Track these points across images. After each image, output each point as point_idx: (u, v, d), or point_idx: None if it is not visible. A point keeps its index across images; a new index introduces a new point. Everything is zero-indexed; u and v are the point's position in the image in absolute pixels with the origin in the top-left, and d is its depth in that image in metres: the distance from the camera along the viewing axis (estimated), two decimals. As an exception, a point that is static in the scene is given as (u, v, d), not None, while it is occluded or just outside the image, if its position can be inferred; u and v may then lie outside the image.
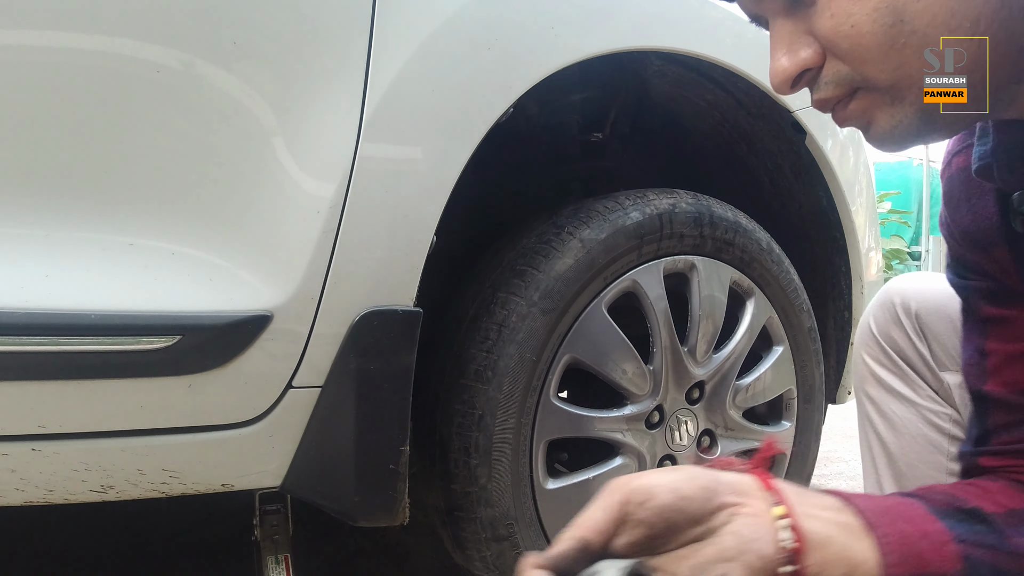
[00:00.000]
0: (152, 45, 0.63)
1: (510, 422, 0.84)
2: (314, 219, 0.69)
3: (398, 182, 0.73)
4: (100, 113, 0.63)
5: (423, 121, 0.74)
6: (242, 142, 0.67)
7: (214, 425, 0.68)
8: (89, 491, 0.65)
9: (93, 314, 0.61)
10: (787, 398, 1.11)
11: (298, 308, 0.69)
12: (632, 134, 1.18)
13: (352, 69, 0.70)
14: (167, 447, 0.67)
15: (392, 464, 0.75)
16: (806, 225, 1.22)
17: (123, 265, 0.63)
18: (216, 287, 0.66)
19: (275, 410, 0.70)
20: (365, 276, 0.72)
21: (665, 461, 0.98)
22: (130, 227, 0.64)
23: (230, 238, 0.67)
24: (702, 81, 1.08)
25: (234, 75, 0.66)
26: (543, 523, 0.88)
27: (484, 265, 0.93)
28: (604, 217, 0.90)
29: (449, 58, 0.75)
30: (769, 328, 1.07)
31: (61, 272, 0.61)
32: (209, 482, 0.70)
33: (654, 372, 0.93)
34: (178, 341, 0.63)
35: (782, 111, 1.06)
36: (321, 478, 0.74)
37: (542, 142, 1.12)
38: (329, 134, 0.69)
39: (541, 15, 0.81)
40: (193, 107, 0.65)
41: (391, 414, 0.74)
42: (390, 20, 0.71)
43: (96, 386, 0.63)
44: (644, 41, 0.90)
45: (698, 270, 0.97)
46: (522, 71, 0.79)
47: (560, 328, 0.86)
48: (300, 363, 0.70)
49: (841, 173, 1.12)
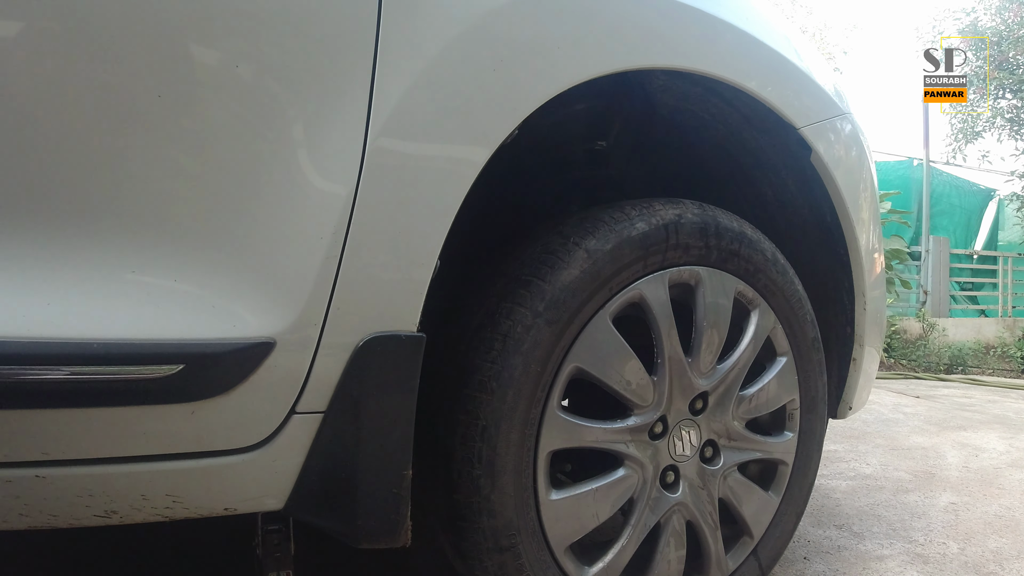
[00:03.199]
0: (153, 72, 0.63)
1: (514, 433, 0.83)
2: (317, 245, 0.68)
3: (401, 208, 0.72)
4: (101, 141, 0.62)
5: (426, 147, 0.73)
6: (244, 169, 0.66)
7: (217, 451, 0.68)
8: (93, 516, 0.65)
9: (96, 343, 0.60)
10: (790, 408, 1.11)
11: (301, 335, 0.69)
12: (636, 146, 1.18)
13: (355, 95, 0.69)
14: (170, 473, 0.66)
15: (395, 488, 0.75)
16: (809, 240, 1.21)
17: (125, 292, 0.63)
18: (219, 314, 0.65)
19: (278, 435, 0.70)
20: (368, 302, 0.72)
21: (668, 472, 0.98)
22: (132, 254, 0.63)
23: (232, 265, 0.66)
24: (707, 96, 1.07)
25: (236, 102, 0.66)
26: (546, 534, 0.88)
27: (488, 275, 0.93)
28: (610, 227, 0.90)
29: (453, 81, 0.74)
30: (773, 339, 1.07)
31: (63, 300, 0.61)
32: (212, 506, 0.70)
33: (658, 383, 0.93)
34: (181, 369, 0.63)
35: (788, 127, 1.05)
36: (324, 501, 0.74)
37: (545, 149, 1.11)
38: (331, 160, 0.69)
39: (546, 36, 0.80)
40: (194, 134, 0.65)
41: (394, 438, 0.74)
42: (394, 46, 0.70)
43: (99, 414, 0.62)
44: (651, 60, 0.89)
45: (703, 281, 0.97)
46: (527, 92, 0.78)
47: (565, 339, 0.86)
48: (303, 389, 0.70)
49: (846, 190, 1.12)
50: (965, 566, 1.37)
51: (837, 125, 1.12)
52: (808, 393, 1.13)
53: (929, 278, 8.45)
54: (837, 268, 1.20)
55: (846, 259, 1.17)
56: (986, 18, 9.27)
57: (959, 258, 9.32)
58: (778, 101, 1.01)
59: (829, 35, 14.66)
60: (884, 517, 1.66)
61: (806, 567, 1.34)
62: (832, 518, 1.65)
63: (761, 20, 1.04)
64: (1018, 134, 9.40)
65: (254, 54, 0.66)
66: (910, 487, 1.95)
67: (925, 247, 8.57)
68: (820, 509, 1.72)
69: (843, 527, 1.58)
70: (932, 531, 1.57)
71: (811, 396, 1.13)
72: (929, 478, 2.06)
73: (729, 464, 1.04)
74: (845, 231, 1.14)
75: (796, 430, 1.12)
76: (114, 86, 0.62)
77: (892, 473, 2.11)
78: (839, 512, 1.70)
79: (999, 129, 9.53)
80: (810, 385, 1.13)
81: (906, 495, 1.86)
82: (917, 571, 1.33)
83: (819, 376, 1.14)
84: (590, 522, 0.90)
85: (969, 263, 9.65)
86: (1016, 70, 9.00)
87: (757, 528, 1.09)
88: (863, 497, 1.84)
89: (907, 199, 9.00)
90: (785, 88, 1.04)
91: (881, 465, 2.21)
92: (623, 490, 0.92)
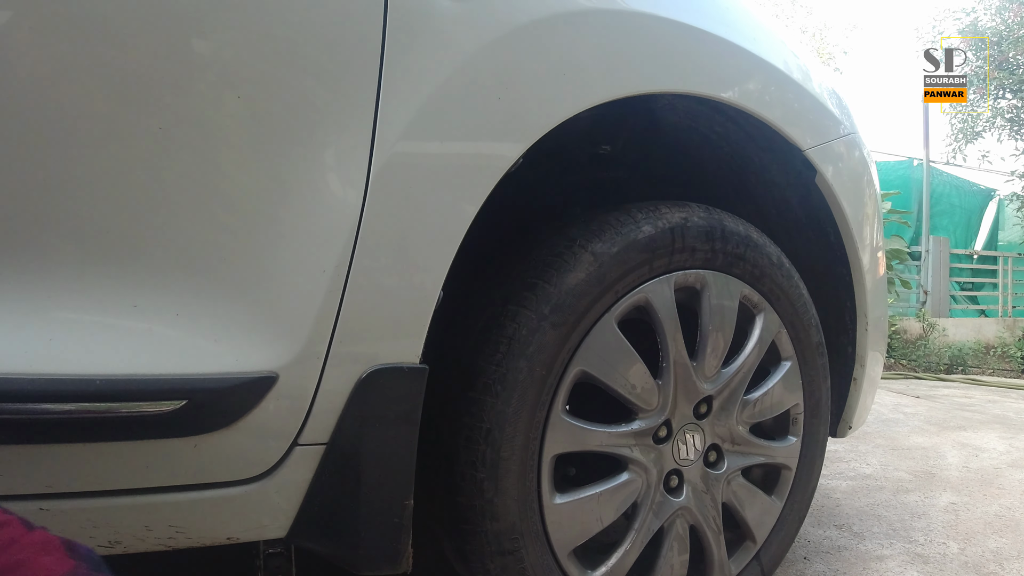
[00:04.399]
0: (155, 105, 0.62)
1: (518, 436, 0.83)
2: (320, 278, 0.68)
3: (405, 240, 0.72)
4: (103, 175, 0.62)
5: (430, 178, 0.73)
6: (246, 202, 0.66)
7: (220, 482, 0.68)
8: (97, 546, 0.65)
9: (99, 379, 0.60)
10: (794, 413, 1.11)
11: (303, 368, 0.68)
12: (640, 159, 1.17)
13: (358, 127, 0.69)
14: (173, 504, 0.67)
15: (396, 518, 0.75)
16: (813, 260, 1.21)
17: (128, 327, 0.63)
18: (221, 348, 0.65)
19: (281, 467, 0.70)
20: (371, 334, 0.71)
21: (672, 476, 0.97)
22: (134, 288, 0.63)
23: (235, 298, 0.66)
24: (712, 114, 1.07)
25: (238, 134, 0.65)
26: (549, 538, 0.87)
27: (492, 276, 0.92)
28: (616, 230, 0.89)
29: (457, 111, 0.73)
30: (778, 343, 1.06)
31: (65, 336, 0.60)
32: (215, 536, 0.70)
33: (663, 387, 0.93)
34: (184, 405, 0.63)
35: (793, 148, 1.05)
36: (326, 529, 0.74)
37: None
38: (334, 192, 0.68)
39: (551, 63, 0.79)
40: (197, 167, 0.64)
41: (396, 469, 0.75)
42: (398, 77, 0.70)
43: (102, 448, 0.62)
44: (658, 85, 0.88)
45: (709, 284, 0.97)
46: (532, 120, 0.78)
47: (570, 342, 0.86)
48: (306, 421, 0.70)
49: (850, 211, 1.11)
50: (965, 566, 1.37)
51: (842, 146, 1.12)
52: (812, 398, 1.13)
53: (929, 278, 8.46)
54: (840, 288, 1.20)
55: (849, 279, 1.17)
56: (986, 18, 9.26)
57: (959, 258, 9.33)
58: (784, 123, 1.01)
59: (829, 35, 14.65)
60: (884, 517, 1.66)
61: (806, 567, 1.34)
62: (832, 518, 1.65)
63: (767, 38, 1.04)
64: (1018, 134, 9.40)
65: (257, 87, 0.65)
66: (910, 487, 1.95)
67: (925, 247, 8.57)
68: (820, 509, 1.72)
69: (843, 527, 1.58)
70: (932, 531, 1.57)
71: (815, 401, 1.13)
72: (929, 478, 2.06)
73: (733, 468, 1.04)
74: (848, 252, 1.14)
75: (800, 435, 1.12)
76: (116, 118, 0.62)
77: (892, 473, 2.11)
78: (839, 512, 1.70)
79: (999, 129, 9.53)
80: (814, 389, 1.13)
81: (906, 495, 1.87)
82: (917, 571, 1.34)
83: (823, 381, 1.13)
84: (594, 526, 0.90)
85: (969, 263, 9.66)
86: (1016, 70, 9.00)
87: (760, 532, 1.09)
88: (863, 497, 1.84)
89: (907, 199, 9.00)
90: (791, 110, 1.03)
91: (881, 465, 2.21)
92: (627, 494, 0.92)
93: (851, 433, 1.31)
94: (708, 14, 0.95)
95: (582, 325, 0.86)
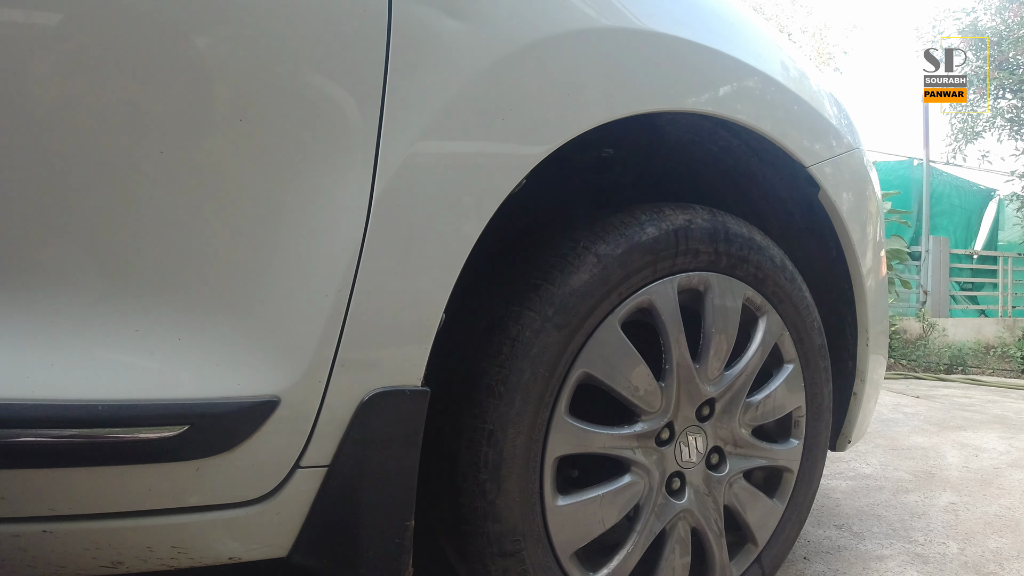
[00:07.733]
0: (156, 127, 0.62)
1: (521, 438, 0.83)
2: (322, 303, 0.68)
3: (407, 263, 0.71)
4: (103, 196, 0.62)
5: (434, 200, 0.72)
6: (249, 229, 0.66)
7: (222, 504, 0.68)
8: (99, 567, 0.65)
9: (101, 405, 0.60)
10: (796, 416, 1.10)
11: (305, 391, 0.68)
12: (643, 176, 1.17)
13: (361, 149, 0.68)
14: (175, 526, 0.67)
15: (397, 538, 0.75)
16: (814, 273, 1.21)
17: (129, 351, 0.62)
18: (223, 372, 0.65)
19: (282, 488, 0.70)
20: (373, 358, 0.71)
21: (674, 478, 0.97)
22: (136, 312, 0.63)
23: (236, 322, 0.66)
24: (716, 129, 1.06)
25: (239, 157, 0.65)
26: (551, 539, 0.87)
27: (495, 277, 0.92)
28: (620, 232, 0.89)
29: (461, 134, 0.73)
30: (781, 345, 1.06)
31: (66, 361, 0.60)
32: (217, 556, 0.70)
33: (666, 389, 0.93)
34: (186, 430, 0.63)
35: (796, 164, 1.04)
36: (327, 550, 0.74)
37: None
38: (337, 216, 0.68)
39: (555, 83, 0.78)
40: (198, 191, 0.64)
41: (397, 491, 0.75)
42: (401, 99, 0.69)
43: (104, 471, 0.62)
44: (663, 104, 0.88)
45: (712, 287, 0.97)
46: (535, 141, 0.77)
47: (574, 344, 0.86)
48: (307, 444, 0.70)
49: (853, 228, 1.11)
50: (965, 566, 1.37)
51: (846, 162, 1.11)
52: (814, 401, 1.13)
53: (929, 278, 8.46)
54: (841, 303, 1.20)
55: (850, 294, 1.17)
56: (986, 18, 9.25)
57: (959, 258, 9.34)
58: (787, 139, 1.01)
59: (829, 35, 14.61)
60: (884, 517, 1.67)
61: (806, 567, 1.34)
62: (832, 518, 1.66)
63: (772, 54, 1.03)
64: (1018, 134, 9.40)
65: (258, 113, 0.65)
66: (910, 487, 1.95)
67: (925, 247, 8.58)
68: (820, 509, 1.72)
69: (843, 527, 1.58)
70: (932, 531, 1.58)
71: (817, 404, 1.13)
72: (929, 478, 2.06)
73: (735, 471, 1.03)
74: (851, 268, 1.14)
75: (802, 437, 1.12)
76: (117, 146, 0.61)
77: (892, 473, 2.11)
78: (839, 512, 1.70)
79: (999, 129, 9.52)
80: (816, 393, 1.13)
81: (906, 495, 1.87)
82: (917, 571, 1.34)
83: (825, 384, 1.13)
84: (596, 528, 0.90)
85: (969, 263, 9.66)
86: (1016, 70, 8.99)
87: (761, 535, 1.09)
88: (863, 497, 1.84)
89: (907, 199, 9.00)
90: (795, 126, 1.03)
91: (881, 465, 2.22)
92: (629, 496, 0.92)
93: (851, 447, 1.31)
94: (713, 29, 0.95)
95: (585, 327, 0.86)
